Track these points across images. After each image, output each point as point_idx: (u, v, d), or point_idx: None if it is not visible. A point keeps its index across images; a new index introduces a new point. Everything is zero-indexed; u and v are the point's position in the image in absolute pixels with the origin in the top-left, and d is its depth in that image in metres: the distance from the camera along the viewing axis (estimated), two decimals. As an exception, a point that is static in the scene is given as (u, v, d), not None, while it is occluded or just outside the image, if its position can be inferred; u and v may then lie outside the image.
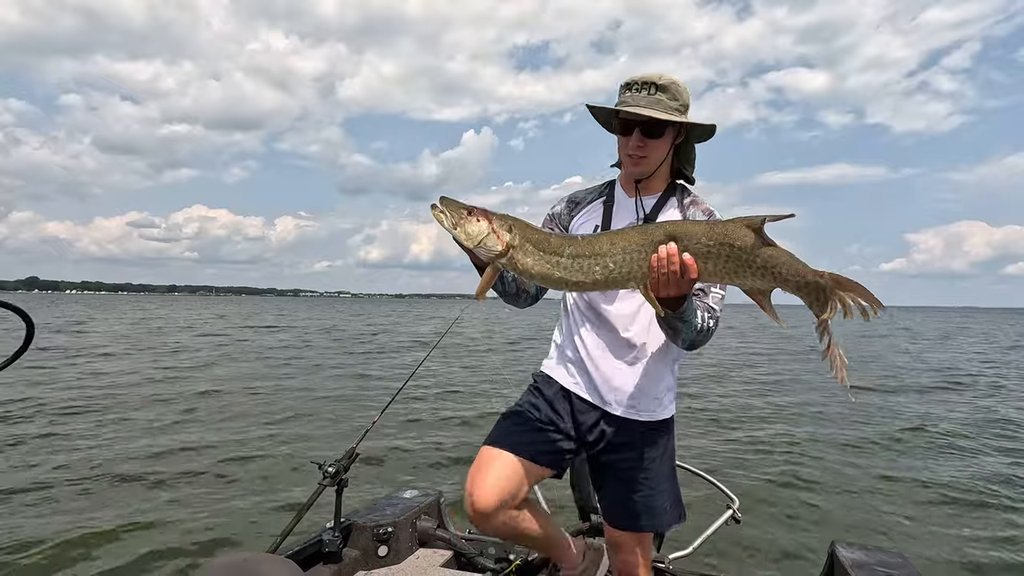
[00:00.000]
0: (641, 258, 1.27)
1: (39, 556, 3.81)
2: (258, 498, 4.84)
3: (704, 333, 1.48)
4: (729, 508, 2.63)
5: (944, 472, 5.99)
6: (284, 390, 10.14)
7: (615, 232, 1.35)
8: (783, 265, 1.22)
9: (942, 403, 10.29)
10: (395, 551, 2.42)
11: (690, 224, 1.27)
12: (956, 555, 4.09)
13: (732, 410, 8.99)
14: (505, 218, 1.35)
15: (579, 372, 1.72)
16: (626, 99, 1.54)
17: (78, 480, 5.25)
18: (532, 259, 1.33)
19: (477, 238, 1.31)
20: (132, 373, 12.38)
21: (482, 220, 1.32)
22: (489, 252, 1.32)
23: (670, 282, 1.24)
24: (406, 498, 2.70)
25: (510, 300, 1.67)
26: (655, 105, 1.51)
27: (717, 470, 5.29)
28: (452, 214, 1.33)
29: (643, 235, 1.28)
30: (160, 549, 3.90)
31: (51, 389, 9.96)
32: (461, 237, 1.32)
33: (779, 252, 1.22)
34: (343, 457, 2.33)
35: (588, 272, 1.31)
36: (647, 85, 1.52)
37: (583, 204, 1.75)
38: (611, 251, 1.29)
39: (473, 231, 1.31)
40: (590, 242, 1.32)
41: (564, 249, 1.32)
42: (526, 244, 1.33)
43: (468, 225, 1.31)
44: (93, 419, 7.77)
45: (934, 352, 21.33)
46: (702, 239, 1.23)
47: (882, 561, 2.16)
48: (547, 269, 1.32)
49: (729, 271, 1.24)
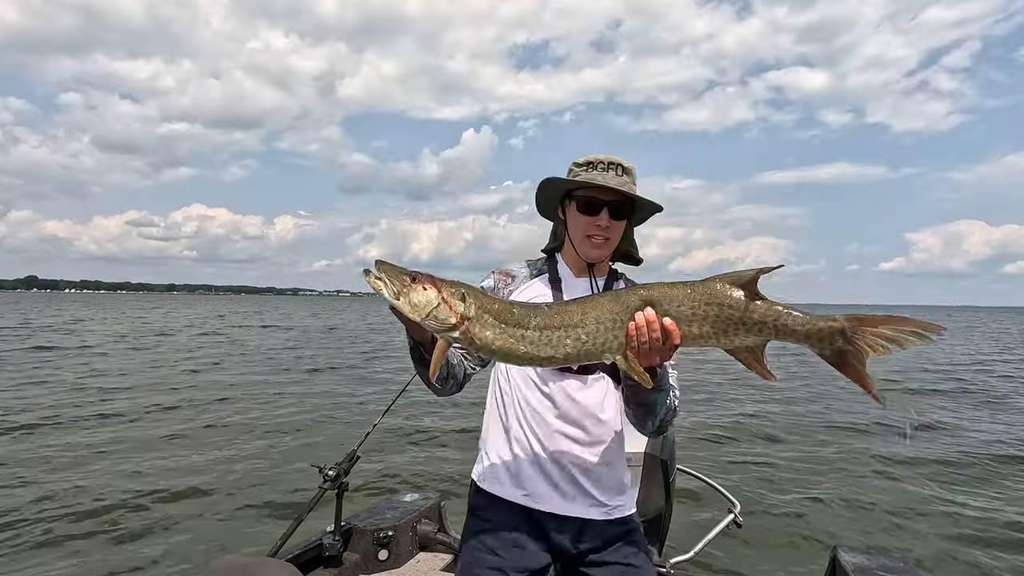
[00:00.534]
0: (617, 327, 1.17)
1: (41, 557, 3.80)
2: (258, 501, 4.83)
3: (672, 412, 1.41)
4: (731, 512, 2.62)
5: (956, 475, 5.99)
6: (284, 392, 10.12)
7: (585, 300, 1.22)
8: (785, 316, 1.12)
9: (943, 404, 10.29)
10: (395, 555, 2.41)
11: (667, 287, 1.18)
12: (958, 559, 4.09)
13: (733, 414, 8.98)
14: (456, 285, 1.19)
15: (532, 479, 1.51)
16: (594, 177, 1.47)
17: (78, 482, 5.24)
18: (492, 332, 1.17)
19: (425, 309, 1.14)
20: (129, 374, 12.37)
21: (429, 288, 1.15)
22: (441, 325, 1.15)
23: (652, 351, 1.16)
24: (406, 502, 2.69)
25: (436, 387, 1.46)
26: (625, 187, 1.46)
27: (718, 474, 5.28)
28: (393, 281, 1.14)
29: (617, 302, 1.18)
30: (160, 553, 3.89)
31: (49, 389, 9.96)
32: (406, 309, 1.14)
33: (774, 305, 1.13)
34: (343, 460, 2.32)
35: (558, 346, 1.17)
36: (614, 166, 1.47)
37: (519, 280, 1.60)
38: (583, 321, 1.17)
39: (420, 301, 1.14)
40: (559, 312, 1.19)
41: (530, 320, 1.18)
42: (484, 315, 1.17)
43: (413, 294, 1.14)
44: (92, 421, 7.75)
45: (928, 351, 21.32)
46: (684, 302, 1.15)
47: (884, 565, 2.15)
48: (511, 344, 1.17)
49: (718, 332, 1.15)
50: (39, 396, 9.27)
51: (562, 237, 1.61)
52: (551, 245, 1.65)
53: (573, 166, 1.52)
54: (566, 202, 1.56)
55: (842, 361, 1.12)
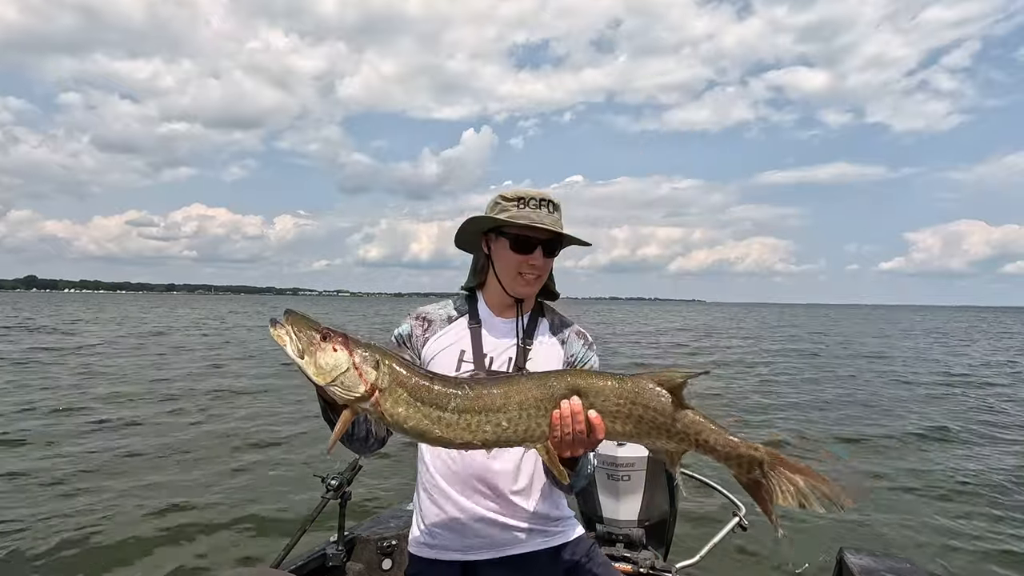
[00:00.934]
0: (540, 415, 1.10)
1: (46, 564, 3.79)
2: (260, 513, 4.79)
3: (588, 477, 1.40)
4: (736, 516, 2.61)
5: (957, 477, 5.97)
6: (285, 397, 10.08)
7: (508, 381, 1.14)
8: (709, 432, 1.10)
9: (946, 404, 10.28)
10: (399, 564, 2.39)
11: (596, 378, 1.12)
12: (966, 562, 4.07)
13: (739, 413, 8.98)
14: (371, 349, 1.09)
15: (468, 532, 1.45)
16: (527, 215, 1.43)
17: (79, 487, 5.22)
18: (405, 410, 1.07)
19: (332, 374, 1.04)
20: (126, 376, 12.35)
21: (340, 350, 1.05)
22: (347, 394, 1.05)
23: (574, 442, 1.10)
24: (410, 510, 2.67)
25: (354, 445, 1.39)
26: (557, 225, 1.45)
27: (723, 478, 5.26)
28: (300, 337, 1.04)
29: (542, 388, 1.11)
30: (161, 568, 3.86)
31: (49, 392, 9.94)
32: (310, 370, 1.04)
33: (700, 417, 1.10)
34: (346, 470, 2.30)
35: (476, 431, 1.09)
36: (546, 203, 1.45)
37: (436, 324, 1.54)
38: (505, 406, 1.10)
39: (327, 364, 1.04)
40: (479, 395, 1.10)
41: (448, 402, 1.09)
42: (398, 389, 1.08)
43: (320, 355, 1.04)
44: (89, 427, 7.73)
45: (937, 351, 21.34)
46: (611, 396, 1.10)
47: (891, 567, 2.14)
48: (425, 425, 1.08)
49: (641, 433, 1.11)
50: (44, 400, 9.24)
51: (484, 273, 1.56)
52: (471, 283, 1.60)
53: (501, 199, 1.47)
54: (492, 237, 1.51)
55: (755, 490, 1.11)
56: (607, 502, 2.43)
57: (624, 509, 2.41)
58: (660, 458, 1.15)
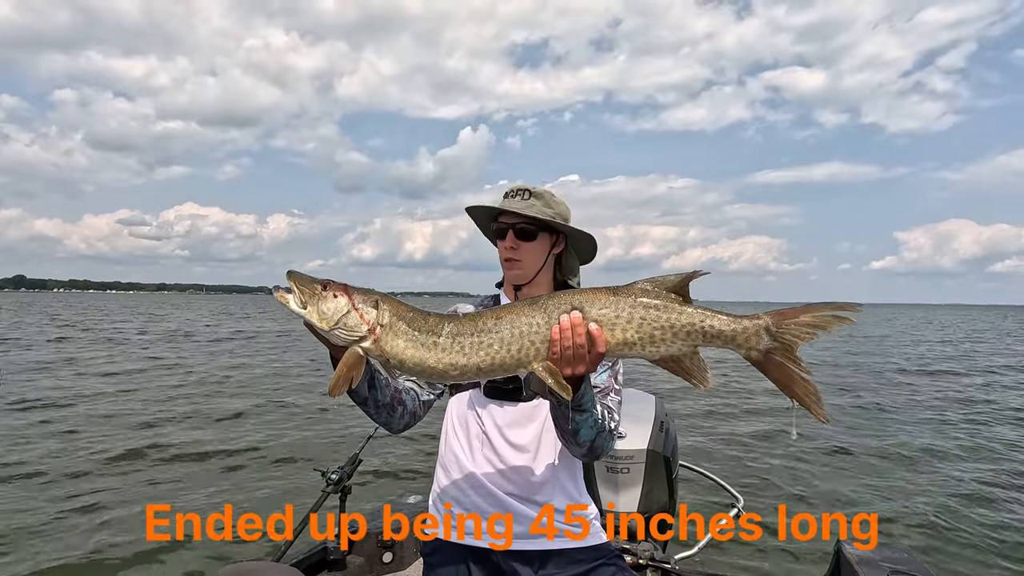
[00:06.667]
0: (534, 332, 1.10)
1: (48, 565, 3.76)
2: (261, 506, 4.78)
3: (605, 435, 1.34)
4: (734, 507, 2.62)
5: (955, 471, 6.01)
6: (285, 395, 9.98)
7: (503, 307, 1.16)
8: (713, 317, 1.08)
9: (945, 400, 10.37)
10: (400, 557, 2.40)
11: (591, 292, 1.12)
12: (963, 551, 4.11)
13: (737, 409, 9.01)
14: (369, 293, 1.13)
15: (486, 516, 1.45)
16: (503, 204, 1.54)
17: (81, 488, 5.19)
18: (404, 341, 1.10)
19: (334, 318, 1.08)
20: (124, 376, 12.25)
21: (340, 296, 1.10)
22: (350, 334, 1.09)
23: (574, 358, 1.09)
24: (410, 504, 2.67)
25: (381, 414, 1.38)
26: (527, 209, 1.49)
27: (722, 469, 5.29)
28: (302, 291, 1.09)
29: (537, 306, 1.12)
30: (163, 560, 3.85)
31: (47, 391, 9.84)
32: (313, 318, 1.08)
33: (701, 307, 1.09)
34: (346, 464, 2.30)
35: (471, 353, 1.10)
36: (521, 191, 1.53)
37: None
38: (497, 327, 1.11)
39: (328, 310, 1.08)
40: (473, 319, 1.13)
41: (442, 327, 1.12)
42: (397, 322, 1.11)
43: (322, 303, 1.08)
44: (88, 425, 7.67)
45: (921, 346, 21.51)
46: (609, 305, 1.09)
47: (888, 557, 2.15)
48: (422, 353, 1.10)
49: (644, 339, 1.09)
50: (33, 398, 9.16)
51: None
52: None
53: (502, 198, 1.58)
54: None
55: (768, 361, 1.10)
56: (606, 494, 2.44)
57: (623, 501, 2.42)
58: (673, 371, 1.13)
